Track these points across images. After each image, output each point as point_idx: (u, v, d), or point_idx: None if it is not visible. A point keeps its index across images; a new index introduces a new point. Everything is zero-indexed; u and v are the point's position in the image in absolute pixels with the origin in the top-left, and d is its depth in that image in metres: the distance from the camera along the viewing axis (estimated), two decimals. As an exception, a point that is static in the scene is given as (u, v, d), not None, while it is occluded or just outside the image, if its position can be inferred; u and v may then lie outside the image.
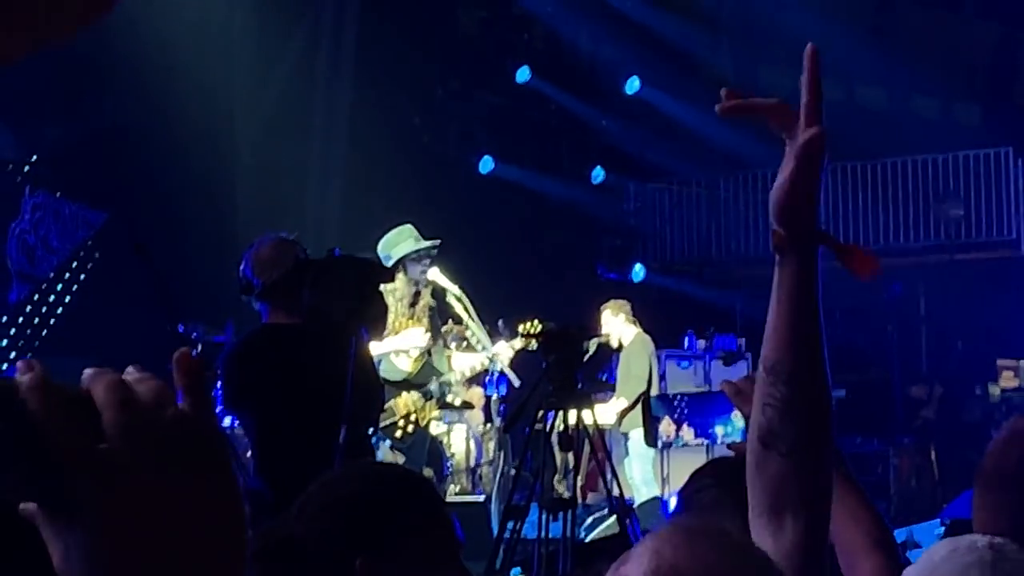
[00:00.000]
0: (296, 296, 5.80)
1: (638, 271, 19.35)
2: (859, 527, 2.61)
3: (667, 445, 2.52)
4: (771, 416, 2.01)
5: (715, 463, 3.46)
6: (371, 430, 6.62)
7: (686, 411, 2.57)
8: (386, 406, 9.03)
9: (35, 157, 14.93)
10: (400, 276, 9.29)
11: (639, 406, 13.09)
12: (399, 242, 9.54)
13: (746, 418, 2.57)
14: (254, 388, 5.84)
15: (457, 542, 2.79)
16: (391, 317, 9.00)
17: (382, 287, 6.35)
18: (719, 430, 2.44)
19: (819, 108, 2.03)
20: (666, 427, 2.61)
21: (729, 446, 2.79)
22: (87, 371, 1.09)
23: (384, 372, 8.79)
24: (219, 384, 6.01)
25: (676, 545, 1.51)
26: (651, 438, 2.71)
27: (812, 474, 2.02)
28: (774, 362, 2.02)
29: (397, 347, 9.42)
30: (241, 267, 6.02)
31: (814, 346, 2.01)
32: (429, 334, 9.56)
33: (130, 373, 1.10)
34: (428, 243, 9.57)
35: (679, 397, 2.61)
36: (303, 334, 5.82)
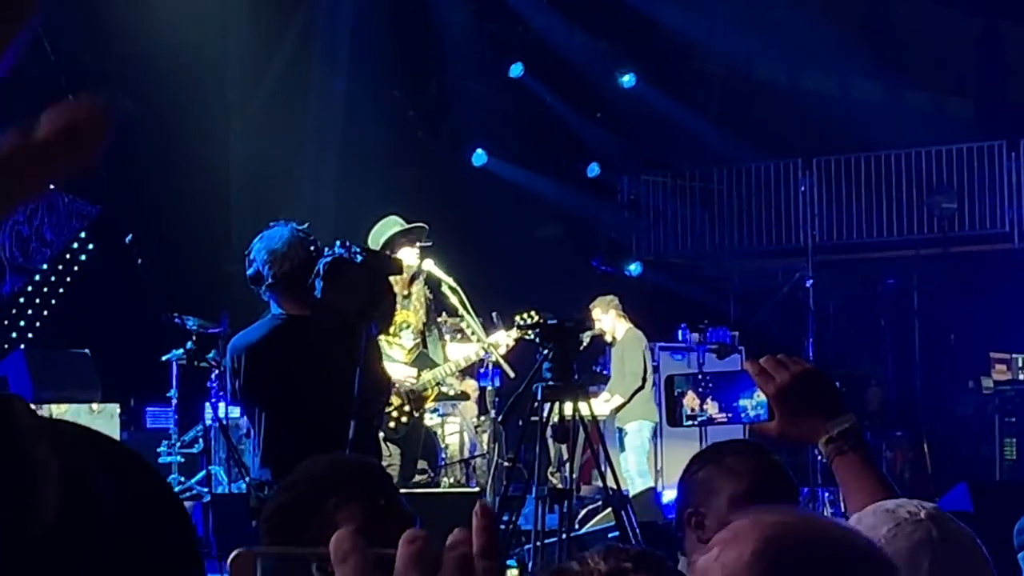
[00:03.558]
0: (307, 288, 5.79)
1: (635, 267, 19.31)
2: None
3: (691, 418, 2.57)
4: None
5: (706, 448, 3.64)
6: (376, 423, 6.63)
7: (710, 386, 2.62)
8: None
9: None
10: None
11: (636, 399, 13.13)
12: (385, 231, 9.59)
13: (768, 397, 2.65)
14: (265, 379, 5.83)
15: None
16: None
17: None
18: (744, 403, 2.47)
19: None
20: (690, 400, 2.65)
21: (752, 427, 2.80)
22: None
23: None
24: (218, 373, 6.01)
25: (775, 524, 1.46)
26: (674, 416, 2.75)
27: None
28: None
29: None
30: (252, 257, 5.98)
31: None
32: (416, 370, 9.62)
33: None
34: (414, 224, 9.62)
35: (702, 375, 2.66)
36: (315, 327, 5.81)
